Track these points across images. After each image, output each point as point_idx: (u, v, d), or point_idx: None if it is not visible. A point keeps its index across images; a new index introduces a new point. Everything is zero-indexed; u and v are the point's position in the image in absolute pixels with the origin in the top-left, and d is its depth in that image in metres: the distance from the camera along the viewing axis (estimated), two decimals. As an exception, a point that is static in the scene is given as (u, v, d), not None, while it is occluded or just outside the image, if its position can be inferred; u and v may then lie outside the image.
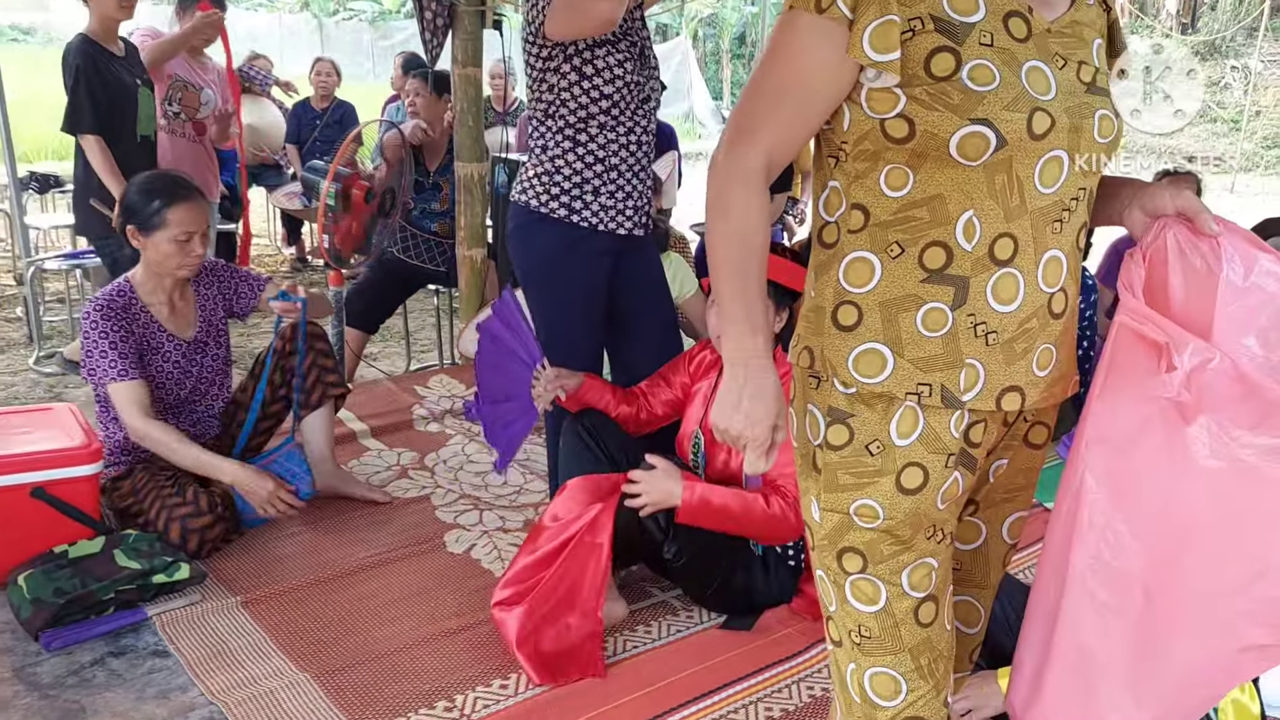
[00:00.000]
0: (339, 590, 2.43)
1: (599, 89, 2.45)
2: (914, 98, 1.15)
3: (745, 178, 1.22)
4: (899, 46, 1.14)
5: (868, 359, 1.22)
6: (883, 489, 1.23)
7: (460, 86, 3.87)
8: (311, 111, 6.57)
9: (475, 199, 3.99)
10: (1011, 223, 1.17)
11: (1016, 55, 1.15)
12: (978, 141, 1.13)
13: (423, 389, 3.78)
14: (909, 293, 1.21)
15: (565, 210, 2.51)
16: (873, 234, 1.22)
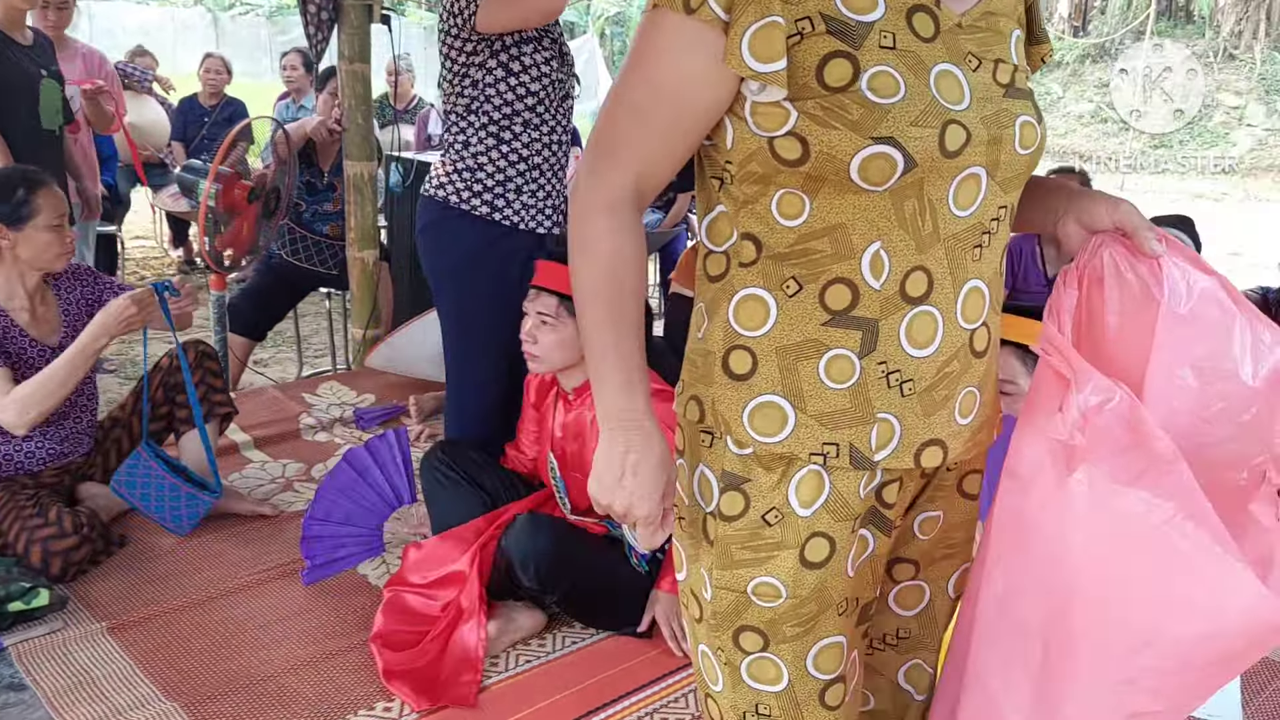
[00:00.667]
0: (214, 613, 2.31)
1: (525, 85, 2.40)
2: (806, 113, 0.98)
3: (610, 206, 1.05)
4: (785, 54, 0.97)
5: (765, 414, 1.06)
6: (784, 564, 1.07)
7: (348, 83, 3.75)
8: (199, 109, 6.32)
9: (365, 199, 3.87)
10: (924, 254, 1.01)
11: (923, 58, 0.98)
12: (883, 164, 0.97)
13: (311, 397, 3.65)
14: (810, 337, 1.04)
15: (487, 208, 2.45)
16: (766, 268, 1.05)
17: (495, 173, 2.44)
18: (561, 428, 2.39)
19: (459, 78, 2.42)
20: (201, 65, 6.30)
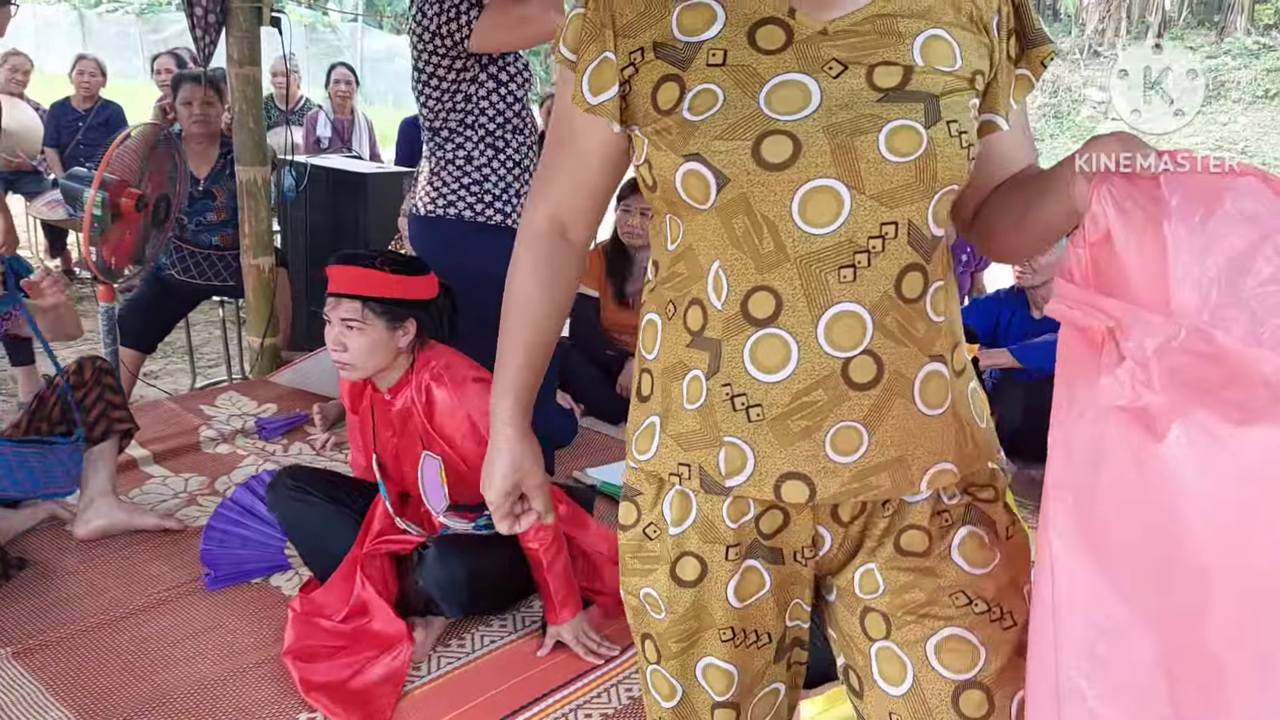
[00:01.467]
0: (125, 631, 2.26)
1: (513, 93, 2.49)
2: (648, 138, 1.02)
3: (525, 239, 1.16)
4: (614, 84, 1.03)
5: (645, 434, 1.10)
6: (660, 579, 1.09)
7: (238, 87, 3.68)
8: (73, 112, 6.10)
9: (260, 204, 3.80)
10: (767, 274, 0.98)
11: (759, 71, 0.97)
12: (696, 181, 0.98)
13: (210, 408, 3.56)
14: (679, 359, 1.06)
15: (500, 216, 2.54)
16: (658, 293, 1.09)
17: (499, 181, 2.53)
18: (383, 428, 2.38)
19: (449, 95, 2.46)
20: (74, 67, 6.08)
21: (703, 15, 1.01)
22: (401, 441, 2.34)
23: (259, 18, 3.63)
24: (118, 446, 2.72)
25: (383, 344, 2.23)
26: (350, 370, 2.26)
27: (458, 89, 2.45)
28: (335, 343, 2.23)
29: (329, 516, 2.38)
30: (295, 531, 2.44)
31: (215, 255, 3.99)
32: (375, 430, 2.38)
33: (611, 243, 3.88)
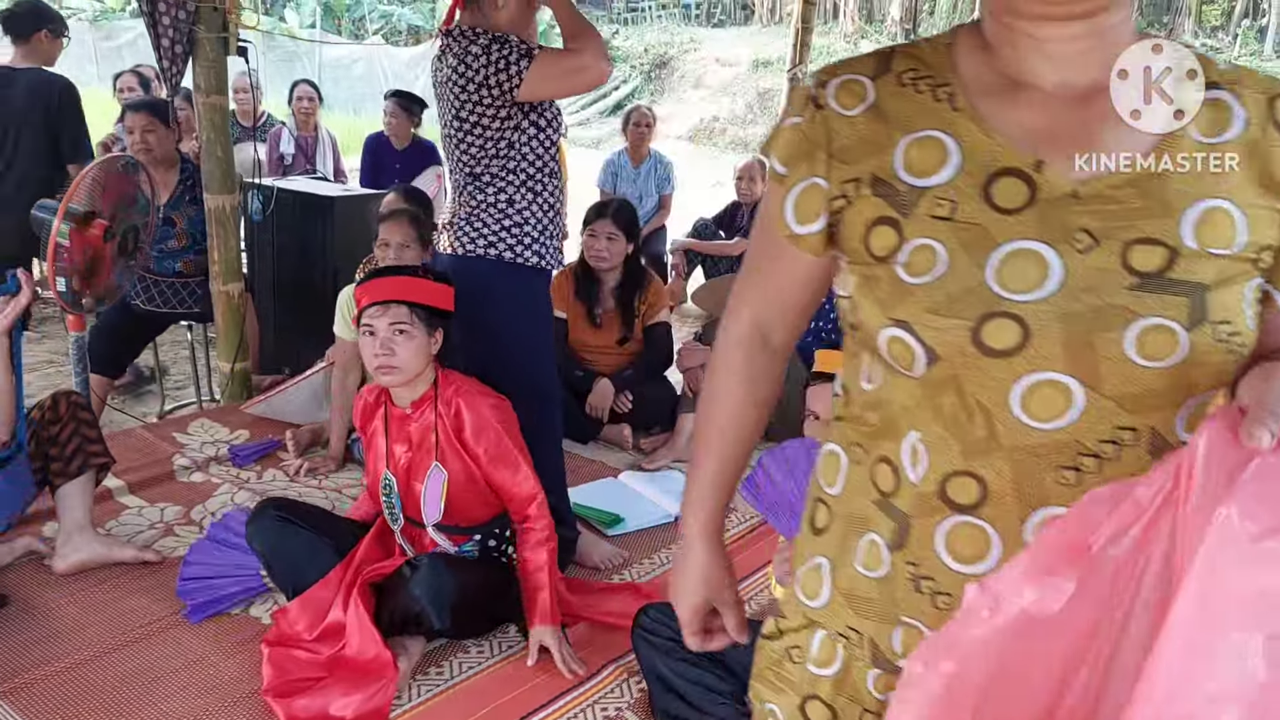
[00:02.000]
0: (109, 667, 2.30)
1: (549, 138, 2.59)
2: (857, 278, 0.92)
3: (727, 345, 1.08)
4: (821, 216, 0.93)
5: (812, 575, 1.02)
6: (788, 705, 1.04)
7: (205, 115, 3.70)
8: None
9: (228, 231, 3.83)
10: (974, 459, 0.87)
11: (991, 232, 0.84)
12: (902, 349, 0.87)
13: (183, 436, 3.59)
14: (860, 512, 0.97)
15: (536, 258, 2.62)
16: (845, 427, 1.00)
17: (536, 224, 2.61)
18: (399, 443, 2.44)
19: (492, 142, 2.53)
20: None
21: (933, 154, 0.88)
22: (415, 455, 2.42)
23: (225, 47, 3.66)
24: (94, 480, 2.74)
25: (424, 350, 2.35)
26: (395, 375, 2.34)
27: (501, 136, 2.52)
28: (382, 348, 2.31)
29: (311, 544, 2.44)
30: (276, 559, 2.48)
31: (179, 283, 4.00)
32: (389, 445, 2.44)
33: (580, 265, 3.95)
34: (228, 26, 3.65)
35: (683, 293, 6.05)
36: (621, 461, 3.71)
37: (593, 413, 3.82)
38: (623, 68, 20.51)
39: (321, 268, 4.37)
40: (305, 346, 4.14)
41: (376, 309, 2.33)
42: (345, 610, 2.31)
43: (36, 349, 5.24)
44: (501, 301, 2.65)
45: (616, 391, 3.83)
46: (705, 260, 6.04)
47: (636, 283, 3.95)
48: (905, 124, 0.90)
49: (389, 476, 2.44)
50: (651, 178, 6.15)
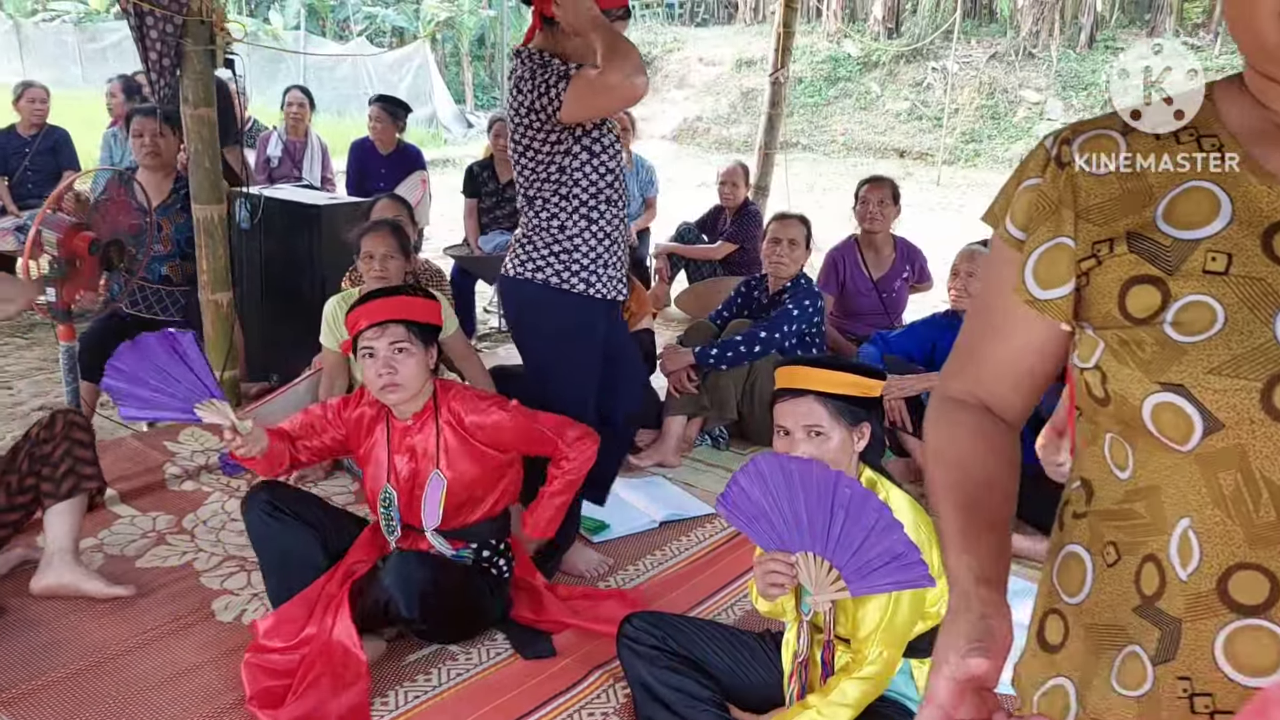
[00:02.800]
0: (105, 676, 2.34)
1: (605, 164, 2.60)
2: (1108, 344, 0.84)
3: (944, 403, 1.02)
4: (1069, 279, 0.87)
5: (1052, 696, 0.90)
6: None
7: (193, 128, 3.74)
8: (18, 140, 6.08)
9: (217, 241, 3.87)
10: (1261, 549, 0.77)
11: (1275, 288, 0.78)
12: (1173, 417, 0.79)
13: (173, 444, 3.63)
14: (1117, 623, 0.85)
15: (584, 285, 2.63)
16: (1092, 524, 0.89)
17: (589, 251, 2.62)
18: (401, 454, 2.49)
19: (544, 166, 2.57)
20: (22, 95, 6.05)
21: (1201, 205, 0.83)
22: (419, 465, 2.48)
23: (213, 60, 3.70)
24: (85, 504, 2.72)
25: (424, 365, 2.42)
26: (399, 392, 2.39)
27: (551, 160, 2.55)
28: (385, 367, 2.36)
29: (300, 536, 2.47)
30: (264, 543, 2.51)
31: (164, 290, 4.04)
32: (388, 458, 2.50)
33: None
34: (215, 39, 3.69)
35: (666, 297, 6.11)
36: (607, 467, 3.76)
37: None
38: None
39: (309, 276, 4.42)
40: (293, 355, 4.18)
41: (374, 331, 2.37)
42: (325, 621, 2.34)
43: (27, 355, 5.27)
44: (544, 325, 2.70)
45: (601, 397, 3.88)
46: (688, 264, 6.10)
47: None
48: (1167, 177, 0.85)
49: (389, 490, 2.50)
50: (634, 181, 6.21)
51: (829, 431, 1.96)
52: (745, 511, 1.85)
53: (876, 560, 1.72)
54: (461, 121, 18.54)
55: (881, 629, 1.84)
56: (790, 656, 1.99)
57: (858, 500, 1.71)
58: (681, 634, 2.20)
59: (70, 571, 2.66)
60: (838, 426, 1.97)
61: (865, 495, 1.71)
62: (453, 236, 8.50)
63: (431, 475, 2.45)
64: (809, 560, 1.80)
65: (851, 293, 4.67)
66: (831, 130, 16.59)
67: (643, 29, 21.75)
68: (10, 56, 19.28)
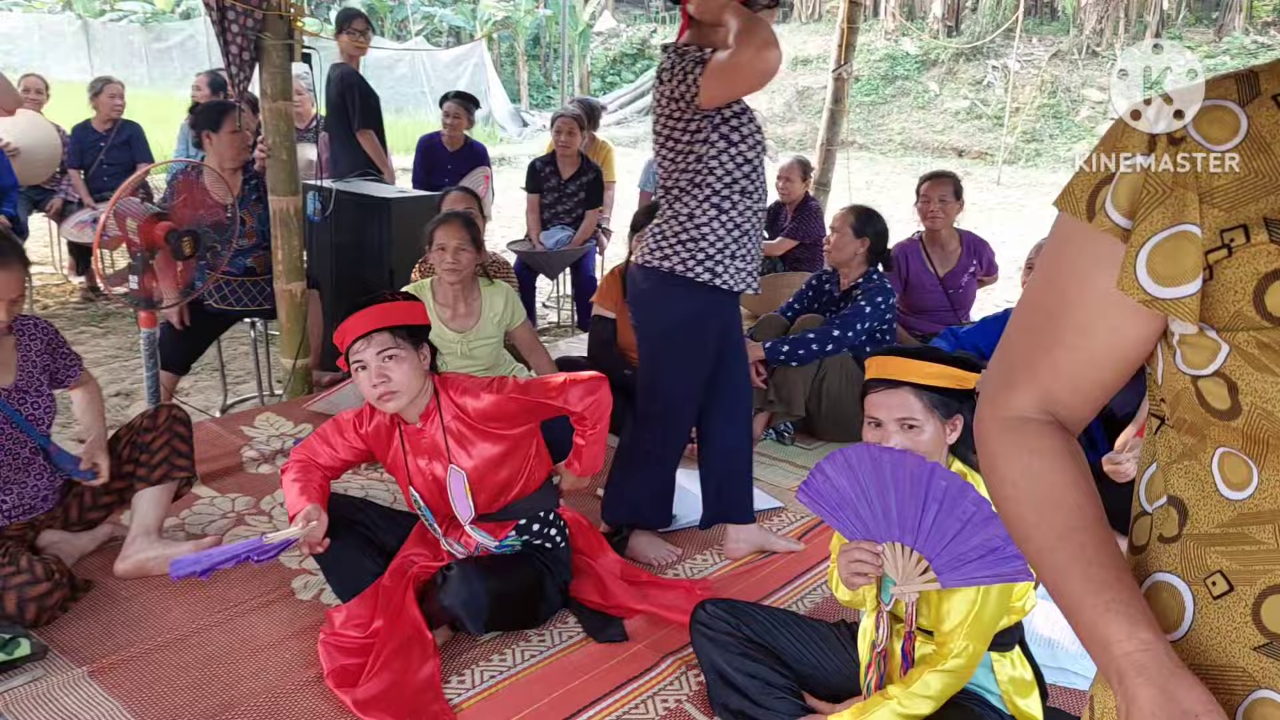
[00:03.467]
0: (189, 650, 2.41)
1: (743, 154, 2.59)
2: (1239, 348, 0.75)
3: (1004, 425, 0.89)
4: (1196, 274, 0.76)
5: None
6: None
7: (270, 121, 3.82)
8: (94, 134, 6.25)
9: (292, 232, 3.95)
10: None
11: None
12: None
13: (250, 429, 3.72)
14: (1233, 663, 0.77)
15: (709, 275, 2.64)
16: (1187, 550, 0.81)
17: (716, 241, 2.62)
18: (417, 457, 2.52)
19: (682, 155, 2.59)
20: (101, 91, 6.21)
21: None
22: (436, 463, 2.50)
23: (290, 54, 3.77)
24: (173, 491, 2.85)
25: (417, 367, 2.40)
26: (397, 399, 2.38)
27: (690, 149, 2.57)
28: (377, 376, 2.35)
29: (352, 543, 2.54)
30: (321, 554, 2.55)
31: (249, 281, 4.15)
32: (410, 463, 2.53)
33: (627, 267, 4.01)
34: (293, 34, 3.77)
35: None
36: (671, 459, 3.77)
37: (641, 411, 3.90)
38: (661, 66, 20.51)
39: (378, 267, 4.49)
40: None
41: (360, 344, 2.37)
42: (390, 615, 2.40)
43: (102, 343, 5.41)
44: (663, 313, 2.72)
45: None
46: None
47: None
48: None
49: (415, 494, 2.54)
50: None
51: (922, 424, 1.94)
52: (829, 500, 1.86)
53: (971, 553, 1.71)
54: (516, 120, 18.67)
55: (968, 622, 1.83)
56: (868, 646, 1.99)
57: (954, 492, 1.71)
58: (755, 621, 2.21)
59: (152, 548, 2.75)
60: (931, 419, 1.95)
61: (963, 488, 1.70)
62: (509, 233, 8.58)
63: (449, 472, 2.48)
64: (896, 550, 1.80)
65: (917, 290, 4.63)
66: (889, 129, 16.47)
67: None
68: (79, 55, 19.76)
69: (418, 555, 2.58)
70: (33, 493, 2.64)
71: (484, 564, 2.47)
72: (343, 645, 2.38)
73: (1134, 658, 0.75)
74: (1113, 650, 0.77)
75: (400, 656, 2.32)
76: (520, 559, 2.55)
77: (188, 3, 21.25)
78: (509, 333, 3.64)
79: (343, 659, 2.35)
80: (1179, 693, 0.72)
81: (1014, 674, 1.97)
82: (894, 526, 1.79)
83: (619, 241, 6.81)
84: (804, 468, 3.68)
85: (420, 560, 2.55)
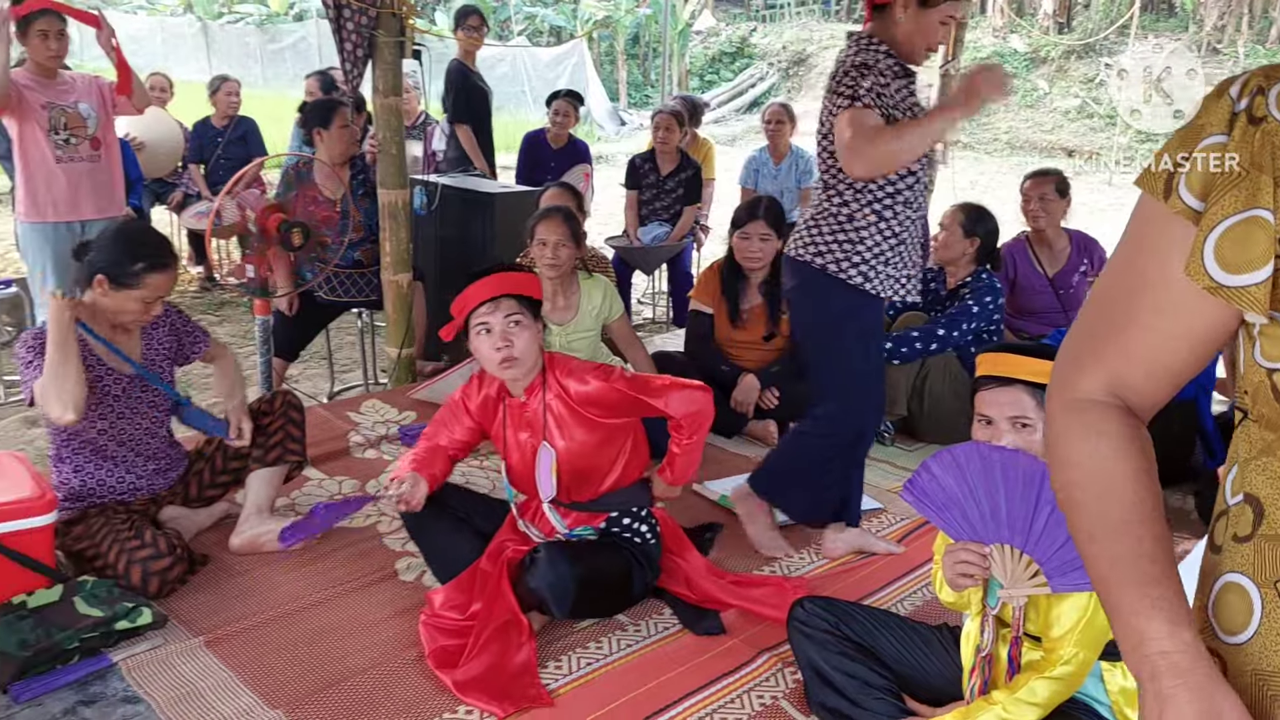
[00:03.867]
0: (297, 625, 2.49)
1: (908, 167, 2.57)
2: None
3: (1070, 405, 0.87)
4: (1268, 260, 0.72)
5: None
6: None
7: (381, 116, 3.93)
8: (212, 130, 6.50)
9: (400, 224, 4.05)
10: None
11: None
12: None
13: (356, 415, 3.83)
14: None
15: (861, 278, 2.64)
16: (1261, 551, 0.76)
17: (873, 246, 2.61)
18: (521, 430, 2.55)
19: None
20: (219, 88, 6.46)
21: None
22: (531, 439, 2.54)
23: (402, 51, 3.87)
24: (284, 474, 2.97)
25: (536, 338, 2.45)
26: (517, 365, 2.42)
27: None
28: (501, 340, 2.38)
29: (450, 527, 2.59)
30: (419, 538, 2.66)
31: (357, 274, 4.27)
32: (508, 436, 2.57)
33: (727, 263, 4.00)
34: (404, 31, 3.86)
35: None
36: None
37: (738, 408, 3.88)
38: (759, 65, 20.44)
39: (481, 261, 4.56)
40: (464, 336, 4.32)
41: (487, 306, 2.40)
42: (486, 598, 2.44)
43: (218, 330, 5.62)
44: (817, 310, 2.72)
45: (762, 387, 3.88)
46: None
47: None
48: None
49: (507, 465, 2.59)
50: (791, 172, 6.16)
51: (1035, 423, 1.88)
52: (935, 499, 1.83)
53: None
54: (614, 119, 18.78)
55: (1079, 629, 1.78)
56: (971, 650, 1.95)
57: None
58: (855, 620, 2.19)
59: (264, 525, 2.85)
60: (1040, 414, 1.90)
61: None
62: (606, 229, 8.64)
63: (540, 449, 2.49)
64: (1004, 552, 1.76)
65: (1025, 290, 4.52)
66: (994, 128, 16.08)
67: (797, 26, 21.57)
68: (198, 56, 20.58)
69: (510, 539, 2.62)
70: (161, 472, 2.78)
71: (573, 548, 2.50)
72: (442, 627, 2.44)
73: (1173, 658, 0.74)
74: (1148, 647, 0.75)
75: (498, 640, 2.36)
76: (610, 547, 2.57)
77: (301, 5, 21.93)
78: (606, 326, 3.66)
79: (443, 640, 2.40)
80: (1223, 706, 0.71)
81: (1125, 684, 1.91)
82: (1003, 528, 1.75)
83: (716, 240, 6.80)
84: (904, 469, 3.62)
85: (512, 544, 2.59)
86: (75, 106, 4.05)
